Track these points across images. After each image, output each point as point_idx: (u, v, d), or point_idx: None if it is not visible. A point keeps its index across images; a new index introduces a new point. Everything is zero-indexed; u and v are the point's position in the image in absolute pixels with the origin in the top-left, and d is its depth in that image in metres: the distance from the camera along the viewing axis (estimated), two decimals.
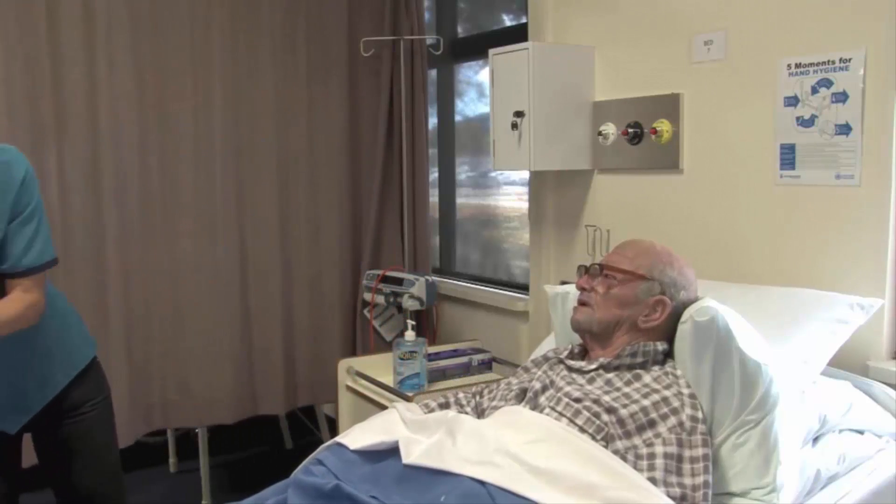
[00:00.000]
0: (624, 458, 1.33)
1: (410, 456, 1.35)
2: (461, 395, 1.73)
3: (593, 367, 1.53)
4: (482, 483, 1.23)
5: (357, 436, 1.50)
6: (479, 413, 1.67)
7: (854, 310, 1.73)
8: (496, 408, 1.55)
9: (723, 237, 2.12)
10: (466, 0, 3.53)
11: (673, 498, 1.26)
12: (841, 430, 1.60)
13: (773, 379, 1.38)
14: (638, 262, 1.58)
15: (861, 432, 1.64)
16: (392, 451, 1.40)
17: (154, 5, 3.04)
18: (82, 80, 2.91)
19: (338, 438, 1.52)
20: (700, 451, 1.33)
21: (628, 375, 1.49)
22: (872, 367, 1.81)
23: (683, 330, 1.47)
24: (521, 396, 1.54)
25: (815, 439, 1.54)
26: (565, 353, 1.65)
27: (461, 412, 1.66)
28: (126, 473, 3.15)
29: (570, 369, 1.56)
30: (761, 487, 1.38)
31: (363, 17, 3.46)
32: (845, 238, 1.85)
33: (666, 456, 1.32)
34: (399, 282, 2.98)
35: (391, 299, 3.01)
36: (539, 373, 1.58)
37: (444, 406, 1.69)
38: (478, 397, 1.72)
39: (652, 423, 1.37)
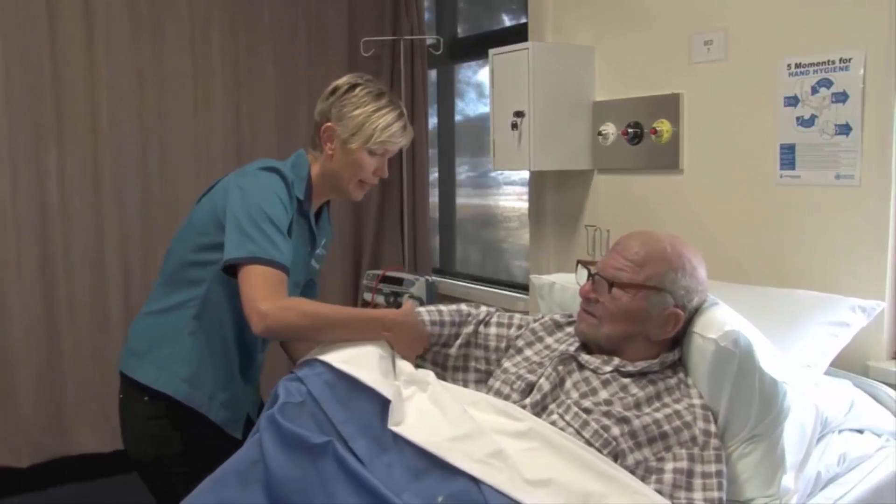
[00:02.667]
0: (633, 473, 1.29)
1: (399, 424, 1.30)
2: (463, 307, 1.67)
3: (609, 369, 1.45)
4: (480, 484, 1.21)
5: (343, 355, 1.41)
6: (480, 346, 1.62)
7: (856, 312, 1.73)
8: (500, 392, 1.49)
9: (723, 237, 2.12)
10: (466, 0, 3.53)
11: None
12: (841, 431, 1.60)
13: (786, 393, 1.35)
14: (648, 272, 1.45)
15: (861, 432, 1.64)
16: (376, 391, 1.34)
17: (154, 5, 3.04)
18: (82, 80, 2.92)
19: (320, 356, 1.41)
20: (713, 468, 1.29)
21: (643, 381, 1.44)
22: (873, 368, 1.81)
23: (701, 346, 1.40)
24: (527, 391, 1.47)
25: (816, 441, 1.54)
26: (576, 343, 1.54)
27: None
28: (126, 474, 3.17)
29: (583, 367, 1.47)
30: (766, 496, 1.36)
31: (363, 17, 3.46)
32: (845, 238, 1.85)
33: (675, 471, 1.28)
34: (399, 282, 2.98)
35: (391, 299, 3.00)
36: (549, 369, 1.48)
37: (458, 320, 1.63)
38: (482, 327, 1.63)
39: (664, 436, 1.33)
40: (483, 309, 1.67)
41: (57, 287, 2.94)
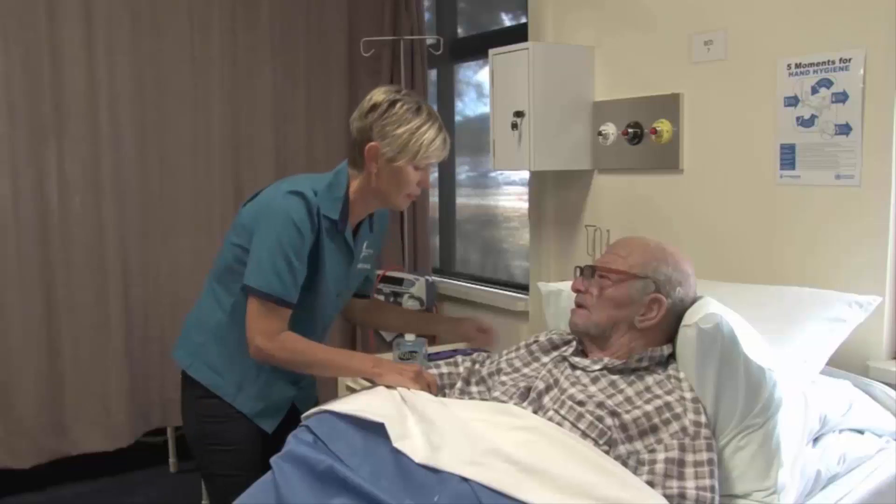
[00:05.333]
0: (625, 463, 1.33)
1: (401, 442, 1.35)
2: (458, 357, 1.80)
3: (597, 367, 1.52)
4: (474, 484, 1.24)
5: (345, 404, 1.52)
6: (480, 381, 1.69)
7: (852, 308, 1.73)
8: (499, 401, 1.55)
9: (723, 237, 2.12)
10: (466, 0, 3.53)
11: (669, 497, 1.26)
12: (841, 430, 1.60)
13: (776, 383, 1.37)
14: (631, 261, 1.57)
15: (861, 432, 1.64)
16: (379, 426, 1.42)
17: (154, 5, 3.04)
18: (82, 79, 2.92)
19: (326, 407, 1.53)
20: (704, 456, 1.32)
21: (632, 377, 1.49)
22: (872, 367, 1.81)
23: (687, 335, 1.46)
24: (525, 395, 1.53)
25: (816, 439, 1.54)
26: (570, 349, 1.64)
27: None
28: (126, 473, 3.18)
29: (574, 367, 1.55)
30: (763, 490, 1.37)
31: (363, 17, 3.46)
32: (845, 239, 1.85)
33: (667, 461, 1.32)
34: (399, 282, 2.98)
35: (391, 299, 3.00)
36: (543, 372, 1.57)
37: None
38: (476, 364, 1.74)
39: (654, 429, 1.36)
40: (475, 353, 1.82)
41: (57, 287, 2.94)
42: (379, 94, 1.72)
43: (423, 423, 1.42)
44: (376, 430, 1.41)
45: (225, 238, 1.81)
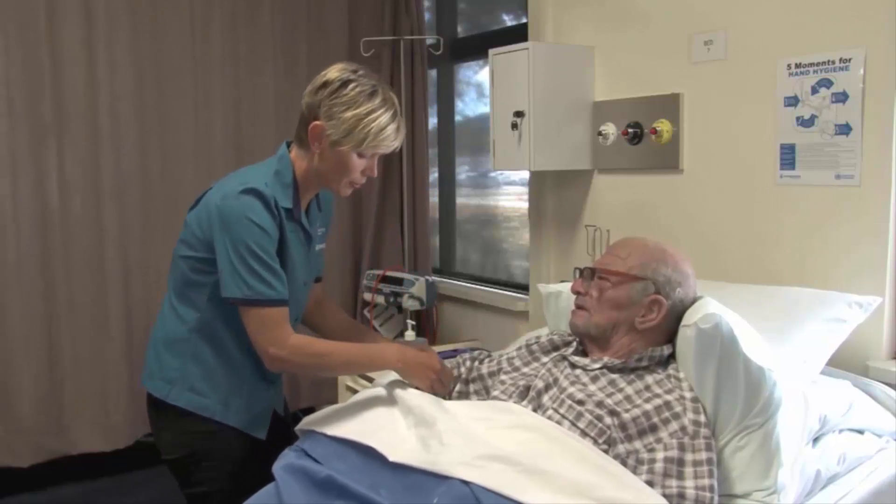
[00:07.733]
0: (624, 463, 1.33)
1: (397, 454, 1.35)
2: (459, 357, 1.79)
3: (597, 366, 1.53)
4: (474, 486, 1.24)
5: (337, 427, 1.50)
6: (476, 378, 1.70)
7: (852, 308, 1.73)
8: (499, 399, 1.55)
9: (722, 237, 2.12)
10: (466, 0, 3.53)
11: (668, 497, 1.26)
12: (841, 430, 1.60)
13: (776, 383, 1.38)
14: (630, 263, 1.57)
15: (861, 432, 1.64)
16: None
17: (154, 5, 3.04)
18: (82, 79, 2.92)
19: (315, 427, 1.52)
20: (703, 455, 1.32)
21: (631, 376, 1.49)
22: (872, 367, 1.81)
23: (687, 335, 1.46)
24: (525, 394, 1.54)
25: (815, 439, 1.54)
26: (570, 349, 1.64)
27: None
28: (126, 473, 3.18)
29: (574, 366, 1.55)
30: (763, 489, 1.37)
31: (363, 17, 3.46)
32: (845, 238, 1.85)
33: (666, 460, 1.32)
34: (399, 282, 2.98)
35: (391, 299, 3.00)
36: (543, 371, 1.57)
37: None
38: (476, 362, 1.74)
39: (654, 428, 1.36)
40: (476, 352, 1.81)
41: (57, 287, 2.94)
42: (333, 72, 1.62)
43: (422, 425, 1.41)
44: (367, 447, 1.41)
45: (174, 252, 1.70)
